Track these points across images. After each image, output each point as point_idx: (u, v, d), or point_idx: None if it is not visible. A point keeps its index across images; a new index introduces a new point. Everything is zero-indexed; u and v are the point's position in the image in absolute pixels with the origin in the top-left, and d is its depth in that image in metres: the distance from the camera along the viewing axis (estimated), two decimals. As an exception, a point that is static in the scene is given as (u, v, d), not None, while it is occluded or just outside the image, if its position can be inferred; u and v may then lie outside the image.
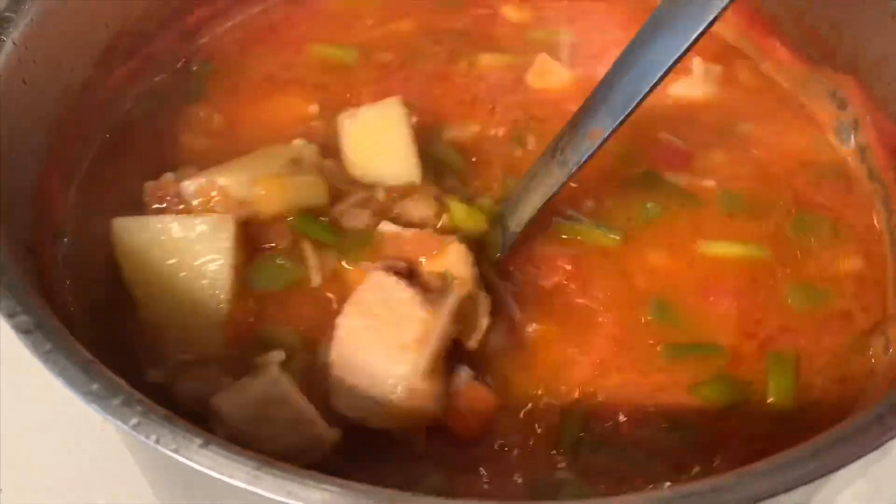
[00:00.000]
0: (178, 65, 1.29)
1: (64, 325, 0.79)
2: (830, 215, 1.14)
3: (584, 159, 0.99)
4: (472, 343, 0.97)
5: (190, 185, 1.01)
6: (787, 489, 0.66)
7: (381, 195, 1.07)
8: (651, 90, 0.94)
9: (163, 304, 0.97)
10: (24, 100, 1.00)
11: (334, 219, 1.04)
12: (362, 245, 1.00)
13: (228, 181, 1.00)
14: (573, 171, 1.00)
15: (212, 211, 1.00)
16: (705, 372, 0.98)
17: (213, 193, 1.00)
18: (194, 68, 1.30)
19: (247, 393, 0.87)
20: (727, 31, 1.36)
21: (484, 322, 0.98)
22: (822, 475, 0.68)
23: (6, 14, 1.00)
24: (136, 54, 1.23)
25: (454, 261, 0.97)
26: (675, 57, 0.92)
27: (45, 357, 0.73)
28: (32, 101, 1.03)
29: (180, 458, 0.67)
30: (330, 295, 1.00)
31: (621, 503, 0.66)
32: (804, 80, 1.28)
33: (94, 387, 0.71)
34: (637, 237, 1.09)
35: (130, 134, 1.20)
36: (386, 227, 1.01)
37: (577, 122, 1.01)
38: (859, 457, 0.69)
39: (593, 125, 0.98)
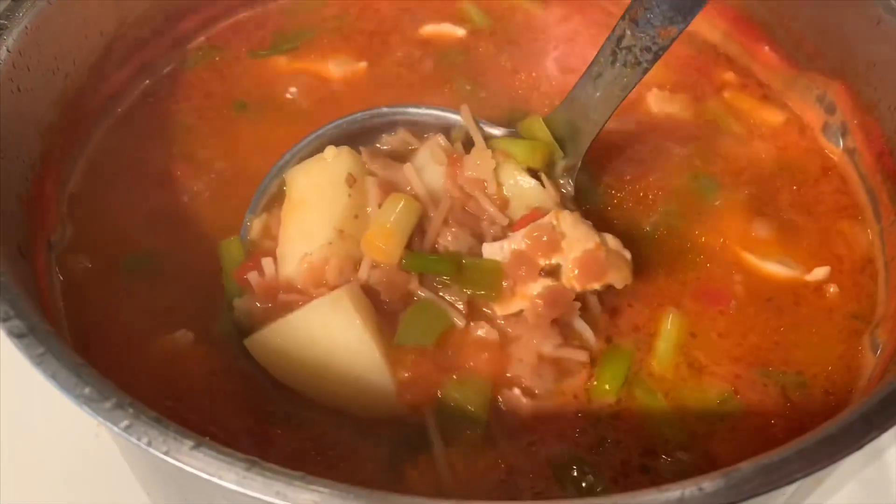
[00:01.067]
0: (167, 69, 1.30)
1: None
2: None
3: (659, 55, 0.98)
4: (627, 279, 0.99)
5: (288, 270, 0.99)
6: (774, 488, 0.67)
7: (440, 160, 1.05)
8: None
9: (331, 393, 0.94)
10: (18, 106, 1.01)
11: (432, 243, 1.01)
12: (491, 282, 0.97)
13: (319, 252, 0.98)
14: (649, 68, 0.99)
15: (325, 285, 0.97)
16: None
17: (313, 264, 0.98)
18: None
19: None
20: (718, 36, 1.38)
21: (627, 254, 1.00)
22: (808, 474, 0.68)
23: (0, 21, 1.01)
24: (130, 61, 1.24)
25: (573, 233, 0.97)
26: None
27: (38, 360, 0.74)
28: (27, 108, 1.03)
29: (171, 460, 0.68)
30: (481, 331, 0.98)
31: (611, 502, 0.67)
32: (793, 85, 1.29)
33: (86, 390, 0.72)
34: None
35: (126, 139, 1.21)
36: (491, 250, 0.99)
37: (638, 20, 0.98)
38: (844, 456, 0.70)
39: (661, 25, 0.96)
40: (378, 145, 1.15)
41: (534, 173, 1.06)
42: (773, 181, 1.20)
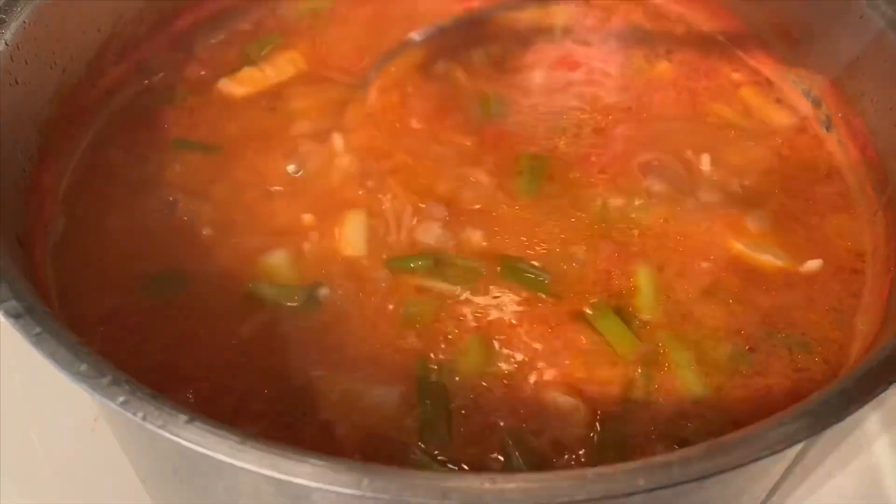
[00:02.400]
0: (163, 66, 1.32)
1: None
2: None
3: None
4: None
5: None
6: (755, 459, 0.68)
7: None
8: None
9: None
10: (16, 99, 1.03)
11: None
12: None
13: None
14: None
15: None
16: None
17: None
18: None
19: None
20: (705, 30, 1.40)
21: None
22: (788, 446, 0.69)
23: (-1, 15, 1.03)
24: (127, 57, 1.26)
25: None
26: None
27: (35, 340, 0.75)
28: (24, 101, 1.05)
29: (167, 434, 0.69)
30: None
31: (596, 474, 0.67)
32: (783, 80, 1.31)
33: (83, 367, 0.73)
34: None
35: (122, 134, 1.23)
36: None
37: None
38: (824, 428, 0.71)
39: None
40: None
41: None
42: (769, 174, 1.21)
